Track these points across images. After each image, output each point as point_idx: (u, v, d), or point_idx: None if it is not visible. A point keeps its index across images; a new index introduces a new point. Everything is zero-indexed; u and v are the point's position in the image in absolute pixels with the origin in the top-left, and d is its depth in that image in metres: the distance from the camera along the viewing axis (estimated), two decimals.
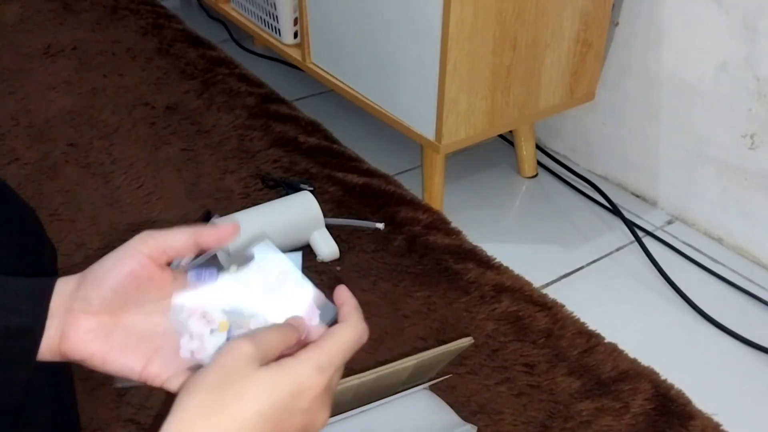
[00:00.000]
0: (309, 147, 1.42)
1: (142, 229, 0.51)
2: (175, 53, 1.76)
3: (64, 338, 0.48)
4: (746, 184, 1.18)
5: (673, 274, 1.16)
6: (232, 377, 0.43)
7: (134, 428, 0.87)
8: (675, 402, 0.93)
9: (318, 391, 0.44)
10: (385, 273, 1.13)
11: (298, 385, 0.44)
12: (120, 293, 0.49)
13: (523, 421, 0.90)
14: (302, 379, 0.44)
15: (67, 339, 0.48)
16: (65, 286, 0.49)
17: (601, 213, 1.32)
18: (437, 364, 0.83)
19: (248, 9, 1.60)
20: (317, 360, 0.45)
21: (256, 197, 1.28)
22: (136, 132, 1.47)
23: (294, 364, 0.44)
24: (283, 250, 0.53)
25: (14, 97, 1.57)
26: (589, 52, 1.24)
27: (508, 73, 1.16)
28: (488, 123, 1.19)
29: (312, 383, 0.44)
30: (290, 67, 1.73)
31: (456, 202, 1.33)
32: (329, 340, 0.46)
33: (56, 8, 1.97)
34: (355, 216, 1.24)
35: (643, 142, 1.32)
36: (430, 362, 0.79)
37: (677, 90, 1.23)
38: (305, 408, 0.44)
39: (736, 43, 1.12)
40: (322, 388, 0.44)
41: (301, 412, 0.44)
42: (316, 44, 1.39)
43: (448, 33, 1.04)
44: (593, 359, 0.99)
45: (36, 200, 1.26)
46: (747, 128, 1.15)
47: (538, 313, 1.05)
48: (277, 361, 0.45)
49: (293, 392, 0.43)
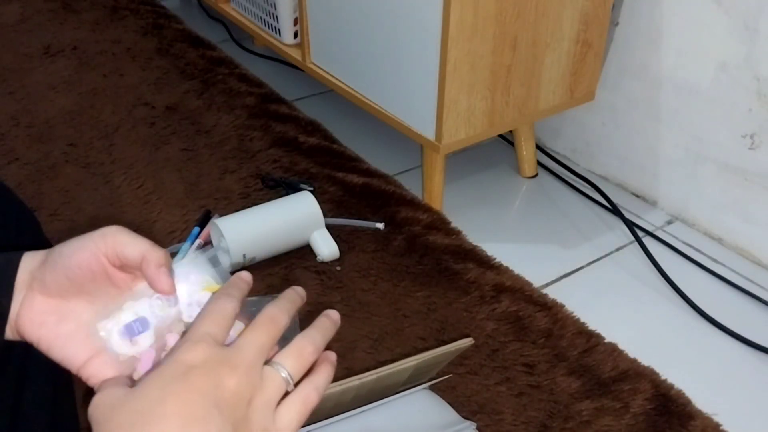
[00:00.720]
0: (309, 147, 1.42)
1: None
2: (175, 53, 1.76)
3: (19, 316, 0.47)
4: (746, 184, 1.18)
5: (673, 274, 1.16)
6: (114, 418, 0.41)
7: None
8: (675, 402, 0.93)
9: (200, 354, 0.42)
10: (385, 273, 1.13)
11: (175, 361, 0.41)
12: (75, 282, 0.47)
13: (523, 421, 0.90)
14: (177, 355, 0.42)
15: (20, 317, 0.47)
16: (30, 262, 0.48)
17: (601, 213, 1.32)
18: (438, 364, 0.83)
19: (248, 9, 1.60)
20: (185, 336, 0.43)
21: (256, 197, 1.28)
22: (136, 132, 1.47)
23: (165, 357, 0.43)
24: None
25: (14, 97, 1.57)
26: (589, 52, 1.24)
27: (508, 73, 1.16)
28: (488, 123, 1.19)
29: (188, 350, 0.42)
30: (290, 67, 1.73)
31: (456, 202, 1.33)
32: (196, 317, 0.45)
33: (56, 8, 1.97)
34: (355, 216, 1.24)
35: (643, 142, 1.32)
36: (431, 363, 0.79)
37: (677, 90, 1.23)
38: (198, 368, 0.41)
39: (736, 43, 1.12)
40: (202, 349, 0.42)
41: (198, 374, 0.41)
42: (316, 44, 1.39)
43: (448, 33, 1.04)
44: (593, 359, 0.99)
45: (36, 200, 1.26)
46: (747, 128, 1.15)
47: (538, 313, 1.05)
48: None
49: (175, 368, 0.41)
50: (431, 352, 0.77)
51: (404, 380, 0.80)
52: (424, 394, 0.84)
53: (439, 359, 0.80)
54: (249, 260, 1.11)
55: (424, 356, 0.76)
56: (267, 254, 1.13)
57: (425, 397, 0.83)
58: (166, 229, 1.20)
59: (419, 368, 0.78)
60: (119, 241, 0.47)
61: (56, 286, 0.47)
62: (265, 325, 0.45)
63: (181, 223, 1.22)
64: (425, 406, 0.82)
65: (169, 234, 1.19)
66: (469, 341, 0.79)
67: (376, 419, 0.78)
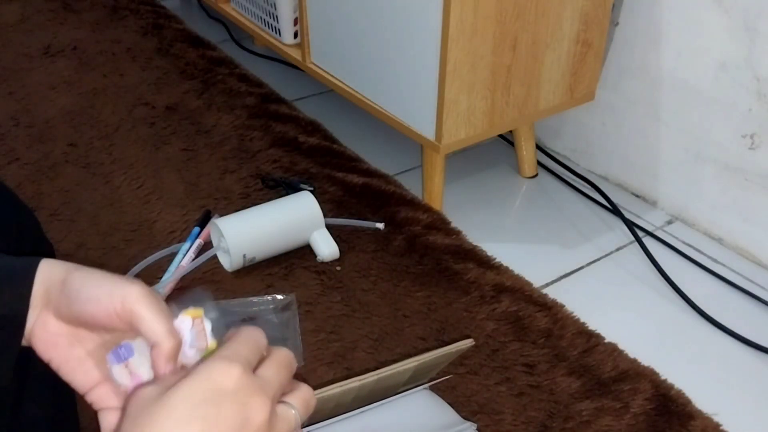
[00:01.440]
0: (309, 147, 1.42)
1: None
2: (175, 53, 1.76)
3: (33, 334, 0.48)
4: (746, 184, 1.18)
5: (673, 274, 1.16)
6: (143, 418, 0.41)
7: None
8: (675, 402, 0.93)
9: (235, 378, 0.42)
10: (385, 273, 1.13)
11: (208, 379, 0.41)
12: (86, 325, 0.47)
13: (523, 421, 0.90)
14: (211, 373, 0.42)
15: (35, 335, 0.48)
16: (48, 275, 0.48)
17: (601, 213, 1.32)
18: (438, 365, 0.83)
19: (248, 9, 1.60)
20: (220, 353, 0.43)
21: (256, 197, 1.28)
22: (136, 132, 1.47)
23: (199, 366, 0.42)
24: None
25: (14, 97, 1.57)
26: (589, 52, 1.24)
27: (508, 73, 1.16)
28: (488, 123, 1.19)
29: (223, 371, 0.42)
30: (290, 67, 1.73)
31: (456, 202, 1.33)
32: (231, 338, 0.45)
33: (56, 8, 1.97)
34: (355, 216, 1.24)
35: (643, 142, 1.32)
36: (431, 364, 0.79)
37: (677, 90, 1.23)
38: (231, 396, 0.41)
39: (736, 43, 1.12)
40: (238, 373, 0.42)
41: (231, 402, 0.41)
42: (316, 44, 1.39)
43: (448, 33, 1.04)
44: (593, 359, 0.99)
45: (36, 200, 1.26)
46: (747, 128, 1.15)
47: (538, 313, 1.06)
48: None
49: (208, 388, 0.41)
50: (432, 353, 0.77)
51: (405, 381, 0.80)
52: (424, 394, 0.84)
53: (440, 360, 0.80)
54: (249, 260, 1.11)
55: (425, 357, 0.76)
56: (267, 254, 1.13)
57: (425, 398, 0.83)
58: (166, 229, 1.20)
59: (419, 369, 0.78)
60: (137, 315, 0.46)
61: (68, 319, 0.47)
62: (285, 367, 0.46)
63: (181, 223, 1.22)
64: (425, 406, 0.82)
65: (169, 234, 1.19)
66: (469, 342, 0.79)
67: (376, 419, 0.78)
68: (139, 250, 1.15)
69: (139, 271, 1.10)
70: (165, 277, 1.09)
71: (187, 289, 1.08)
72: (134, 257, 1.13)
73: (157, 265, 1.12)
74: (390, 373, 0.74)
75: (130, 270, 1.10)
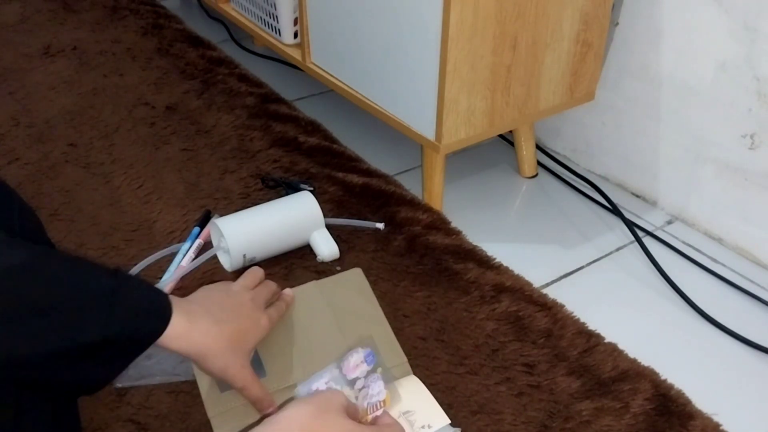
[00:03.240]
0: (309, 147, 1.42)
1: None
2: (175, 53, 1.76)
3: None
4: (746, 184, 1.18)
5: (673, 274, 1.16)
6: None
7: (134, 428, 0.87)
8: (675, 402, 0.93)
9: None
10: (385, 273, 1.13)
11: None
12: None
13: (523, 421, 0.90)
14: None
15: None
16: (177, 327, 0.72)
17: (601, 213, 1.32)
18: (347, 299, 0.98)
19: (248, 9, 1.60)
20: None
21: (256, 197, 1.28)
22: (136, 132, 1.47)
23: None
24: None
25: (14, 97, 1.57)
26: (589, 52, 1.25)
27: (508, 73, 1.16)
28: (488, 123, 1.19)
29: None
30: (290, 67, 1.73)
31: (456, 202, 1.33)
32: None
33: (56, 8, 1.97)
34: (355, 216, 1.24)
35: (643, 142, 1.32)
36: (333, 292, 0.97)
37: (677, 90, 1.23)
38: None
39: (736, 43, 1.12)
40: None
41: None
42: (316, 44, 1.39)
43: (448, 33, 1.05)
44: (593, 359, 0.99)
45: (36, 200, 1.26)
46: (747, 128, 1.15)
47: (538, 313, 1.06)
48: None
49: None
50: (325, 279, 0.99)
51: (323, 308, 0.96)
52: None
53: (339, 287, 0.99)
54: (249, 260, 1.11)
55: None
56: (267, 254, 1.13)
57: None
58: (166, 229, 1.20)
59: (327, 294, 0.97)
60: (241, 384, 0.79)
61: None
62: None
63: (181, 223, 1.22)
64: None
65: (169, 234, 1.19)
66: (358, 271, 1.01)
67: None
68: (139, 250, 1.15)
69: (139, 271, 1.10)
70: (165, 277, 1.09)
71: (188, 289, 1.08)
72: (134, 257, 1.13)
73: (157, 265, 1.12)
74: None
75: (130, 270, 1.10)
